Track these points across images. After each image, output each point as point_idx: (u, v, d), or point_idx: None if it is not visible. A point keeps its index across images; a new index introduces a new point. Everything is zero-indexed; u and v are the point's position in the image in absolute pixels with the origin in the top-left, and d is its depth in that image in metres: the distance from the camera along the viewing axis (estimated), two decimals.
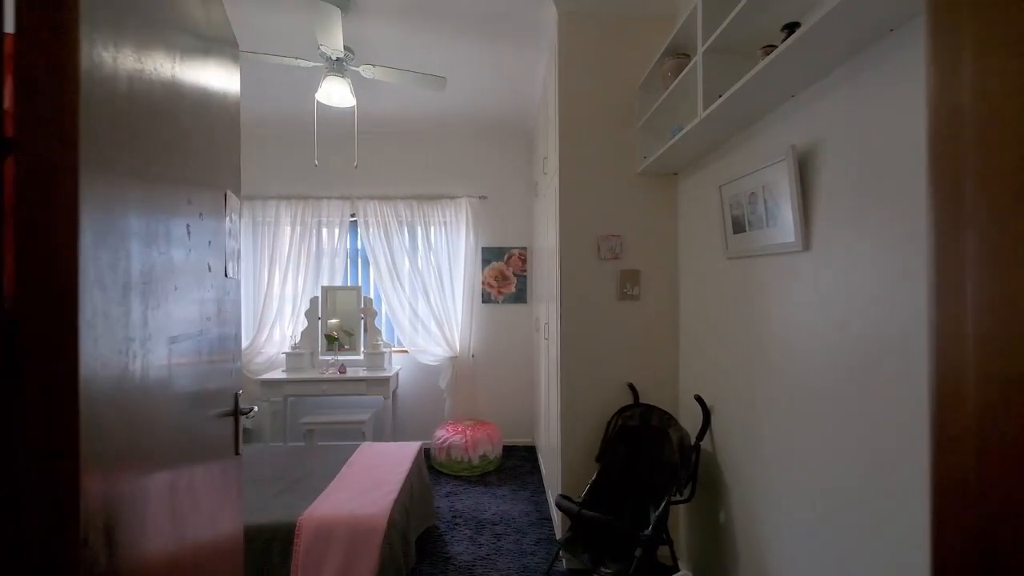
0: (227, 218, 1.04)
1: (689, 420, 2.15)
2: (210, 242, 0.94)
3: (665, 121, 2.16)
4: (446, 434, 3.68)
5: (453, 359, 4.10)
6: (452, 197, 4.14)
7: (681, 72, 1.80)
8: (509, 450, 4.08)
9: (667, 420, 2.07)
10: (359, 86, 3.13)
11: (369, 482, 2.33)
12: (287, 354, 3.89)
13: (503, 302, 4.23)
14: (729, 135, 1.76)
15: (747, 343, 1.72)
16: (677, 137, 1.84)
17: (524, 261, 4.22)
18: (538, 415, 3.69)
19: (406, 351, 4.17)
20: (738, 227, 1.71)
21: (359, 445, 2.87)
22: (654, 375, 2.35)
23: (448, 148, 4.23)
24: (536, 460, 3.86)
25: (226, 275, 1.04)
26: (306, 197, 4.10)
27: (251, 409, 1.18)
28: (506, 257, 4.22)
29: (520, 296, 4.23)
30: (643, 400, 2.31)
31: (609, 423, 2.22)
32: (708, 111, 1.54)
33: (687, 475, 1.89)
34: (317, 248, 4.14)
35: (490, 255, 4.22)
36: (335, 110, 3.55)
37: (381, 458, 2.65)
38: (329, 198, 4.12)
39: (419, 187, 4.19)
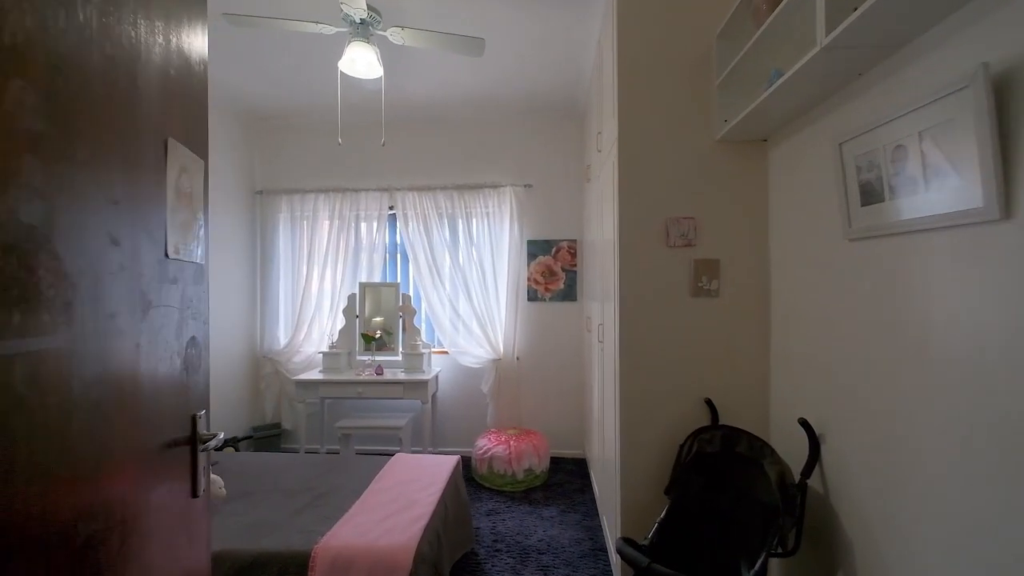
0: (170, 175, 0.76)
1: (786, 449, 1.70)
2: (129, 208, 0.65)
3: (753, 73, 1.72)
4: (488, 444, 3.37)
5: (496, 362, 3.78)
6: (495, 186, 3.82)
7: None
8: (556, 462, 3.71)
9: (760, 448, 1.64)
10: (392, 63, 2.88)
11: (399, 502, 2.04)
12: (324, 354, 3.72)
13: (550, 300, 3.87)
14: (857, 72, 1.31)
15: (885, 352, 1.27)
16: (779, 83, 1.41)
17: (574, 255, 3.84)
18: (589, 425, 3.30)
19: (446, 352, 3.90)
20: (870, 196, 1.26)
21: (392, 456, 2.61)
22: (737, 390, 1.91)
23: (490, 133, 3.92)
24: (587, 475, 3.47)
25: (167, 255, 0.75)
26: (344, 190, 3.92)
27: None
28: (554, 251, 3.86)
29: (569, 293, 3.85)
30: (724, 420, 1.88)
31: (682, 447, 1.81)
32: (837, 32, 1.11)
33: (791, 522, 1.45)
34: (355, 243, 3.95)
35: (536, 249, 3.87)
36: (370, 95, 3.33)
37: (414, 472, 2.37)
38: (367, 190, 3.92)
39: (460, 176, 3.90)
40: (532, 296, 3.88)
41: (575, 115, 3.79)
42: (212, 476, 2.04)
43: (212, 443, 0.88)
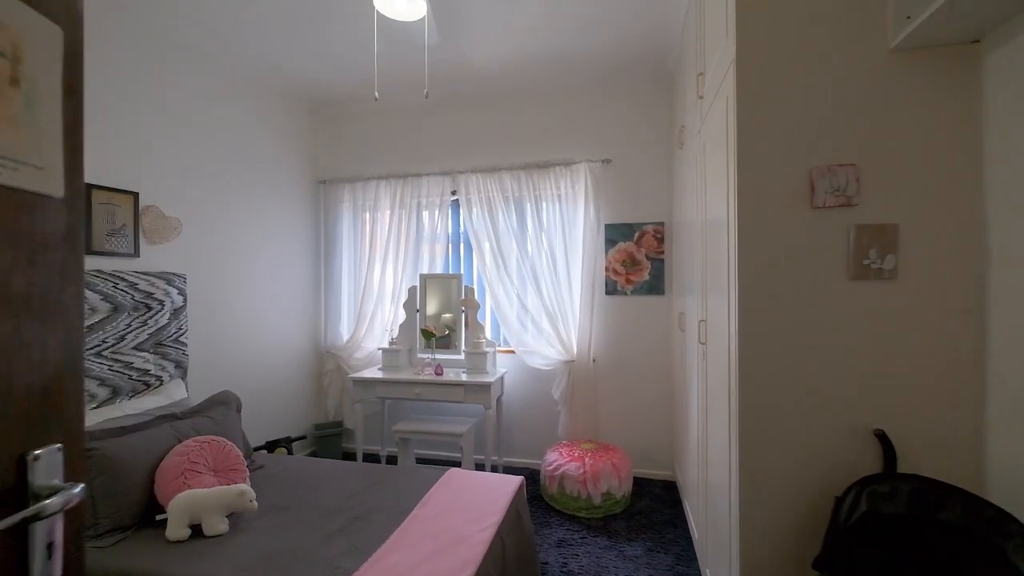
0: None
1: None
2: None
3: None
4: (559, 459, 2.90)
5: (569, 364, 3.31)
6: (567, 163, 3.34)
7: None
8: (640, 484, 3.16)
9: (995, 522, 1.03)
10: (450, 24, 2.52)
11: (445, 537, 1.65)
12: (383, 350, 3.48)
13: (632, 293, 3.32)
14: None
15: None
16: None
17: (661, 241, 3.26)
18: (683, 444, 2.72)
19: (512, 352, 3.49)
20: None
21: (445, 472, 2.24)
22: (930, 420, 1.28)
23: (561, 102, 3.44)
24: (678, 503, 2.89)
25: None
26: (405, 175, 3.66)
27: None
28: (636, 236, 3.30)
29: (655, 286, 3.27)
30: (905, 466, 1.27)
31: (840, 501, 1.23)
32: None
33: None
34: (417, 231, 3.68)
35: (615, 234, 3.34)
36: (433, 69, 3.00)
37: (468, 495, 1.98)
38: (429, 175, 3.62)
39: (527, 154, 3.47)
40: (611, 289, 3.35)
41: (662, 75, 3.20)
42: (242, 487, 1.79)
43: (55, 504, 0.52)
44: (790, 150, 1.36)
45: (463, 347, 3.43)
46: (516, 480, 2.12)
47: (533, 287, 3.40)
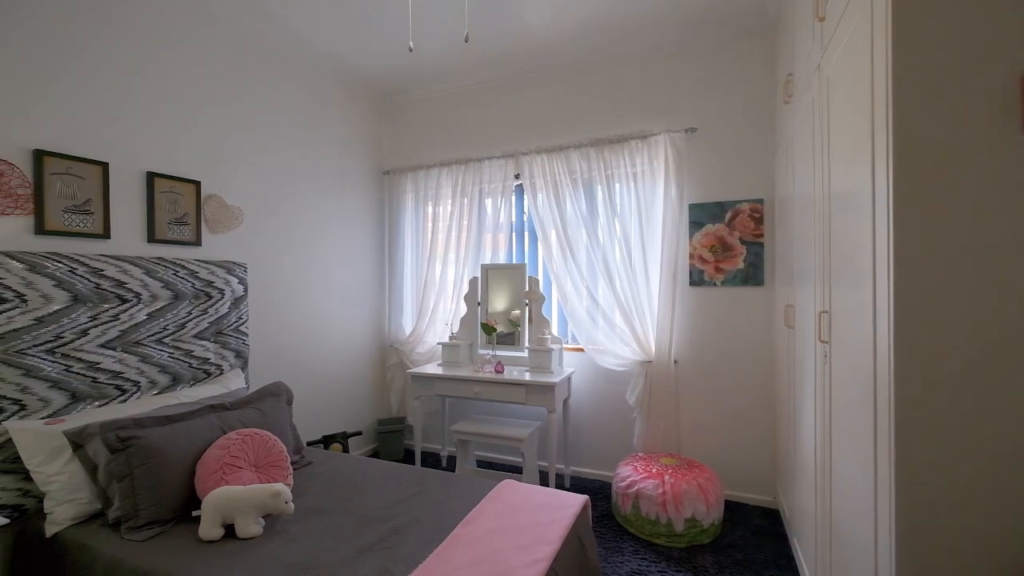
0: None
1: None
2: None
3: None
4: (634, 474, 2.52)
5: (646, 365, 2.90)
6: (644, 136, 2.93)
7: None
8: (733, 510, 2.67)
9: None
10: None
11: (488, 567, 1.38)
12: (442, 345, 3.30)
13: (724, 284, 2.83)
14: None
15: None
16: None
17: (759, 221, 2.74)
18: (791, 464, 2.22)
19: (581, 350, 3.15)
20: None
21: (497, 483, 1.97)
22: None
23: (636, 68, 3.03)
24: (783, 537, 2.38)
25: None
26: (466, 160, 3.45)
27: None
28: (728, 217, 2.81)
29: (752, 275, 2.76)
30: None
31: None
32: None
33: None
34: (478, 219, 3.45)
35: (702, 215, 2.87)
36: (491, 47, 2.76)
37: (522, 513, 1.68)
38: (491, 158, 3.38)
39: (597, 128, 3.10)
40: (696, 279, 2.89)
41: (759, 23, 2.68)
42: (278, 488, 1.64)
43: None
44: (986, 45, 0.91)
45: (526, 344, 3.15)
46: (579, 500, 1.79)
47: (604, 278, 3.03)
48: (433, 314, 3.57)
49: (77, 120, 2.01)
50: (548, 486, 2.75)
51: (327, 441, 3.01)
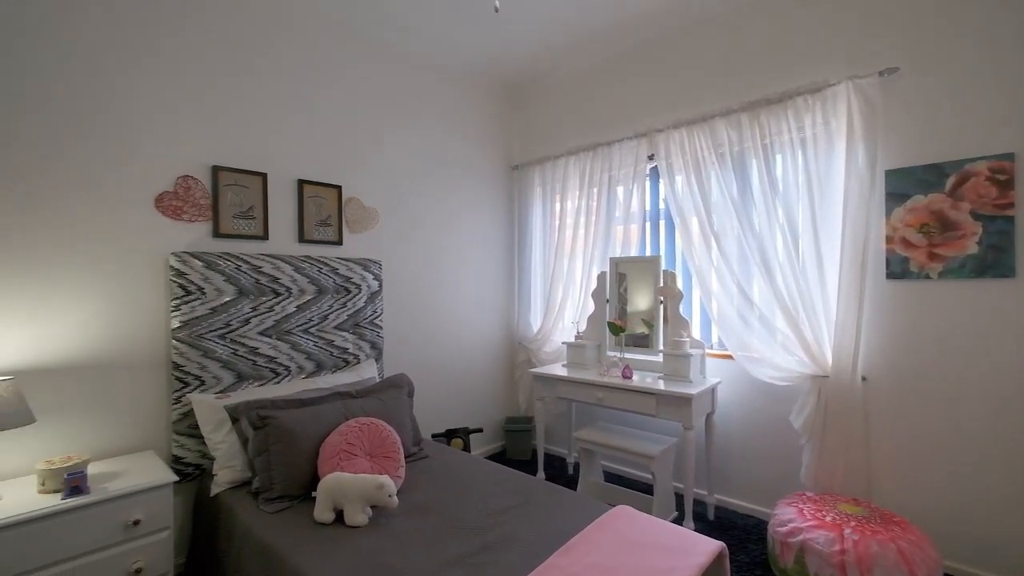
0: None
1: None
2: None
3: None
4: (799, 519, 1.98)
5: (818, 380, 2.28)
6: (816, 89, 2.30)
7: None
8: None
9: None
10: None
11: None
12: (567, 345, 3.09)
13: (941, 276, 2.06)
14: None
15: None
16: None
17: (1006, 185, 1.92)
18: None
19: (730, 357, 2.64)
20: None
21: (611, 509, 1.69)
22: None
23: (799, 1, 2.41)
24: None
25: None
26: (594, 146, 3.19)
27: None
28: (951, 183, 2.03)
29: (993, 261, 1.94)
30: None
31: None
32: None
33: None
34: (608, 210, 3.16)
35: (907, 184, 2.13)
36: (620, 24, 2.47)
37: (635, 553, 1.39)
38: (620, 141, 3.06)
39: (750, 88, 2.56)
40: (897, 270, 2.16)
41: None
42: (382, 480, 1.65)
43: None
44: None
45: (660, 346, 2.76)
46: (712, 548, 1.42)
47: (761, 272, 2.48)
48: (560, 311, 3.39)
49: (243, 138, 2.33)
50: (684, 514, 2.36)
51: (450, 435, 3.05)
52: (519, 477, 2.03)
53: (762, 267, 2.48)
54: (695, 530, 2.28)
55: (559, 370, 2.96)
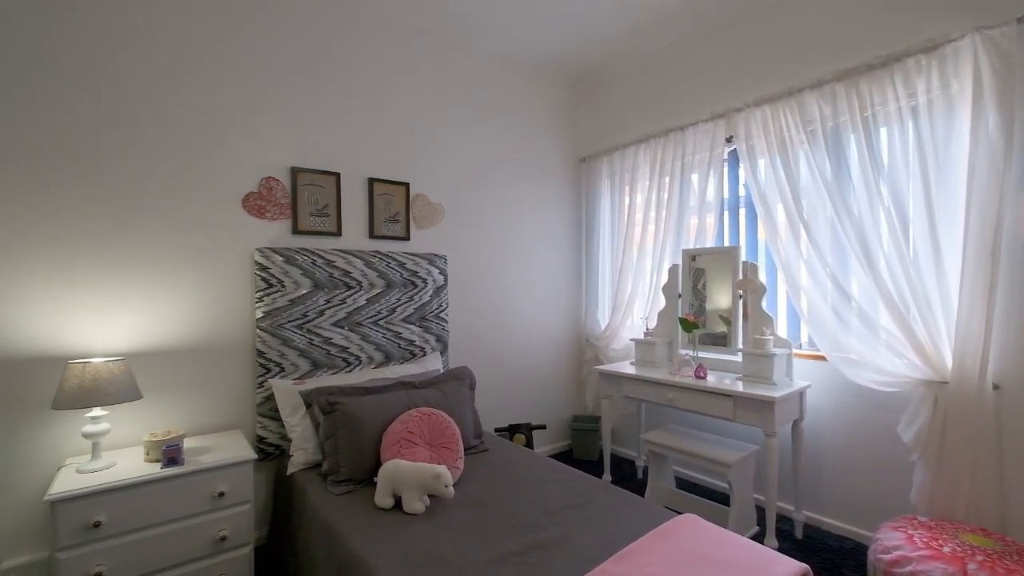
0: None
1: None
2: None
3: None
4: (908, 546, 1.70)
5: (935, 387, 1.96)
6: (931, 47, 1.97)
7: None
8: None
9: None
10: None
11: None
12: (635, 342, 2.94)
13: None
14: None
15: None
16: None
17: None
18: None
19: (822, 358, 2.35)
20: None
21: (676, 517, 1.56)
22: None
23: None
24: None
25: None
26: (667, 131, 3.01)
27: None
28: None
29: None
30: None
31: None
32: None
33: None
34: (680, 199, 2.96)
35: None
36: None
37: (700, 568, 1.27)
38: (695, 124, 2.86)
39: (847, 52, 2.25)
40: None
41: None
42: (439, 470, 1.66)
43: None
44: None
45: (739, 344, 2.53)
46: (792, 570, 1.25)
47: (861, 262, 2.19)
48: (629, 307, 3.25)
49: (318, 139, 2.47)
50: (765, 529, 2.14)
51: (512, 430, 3.03)
52: (580, 477, 1.95)
53: (862, 257, 2.18)
54: (778, 549, 2.06)
55: (627, 368, 2.82)
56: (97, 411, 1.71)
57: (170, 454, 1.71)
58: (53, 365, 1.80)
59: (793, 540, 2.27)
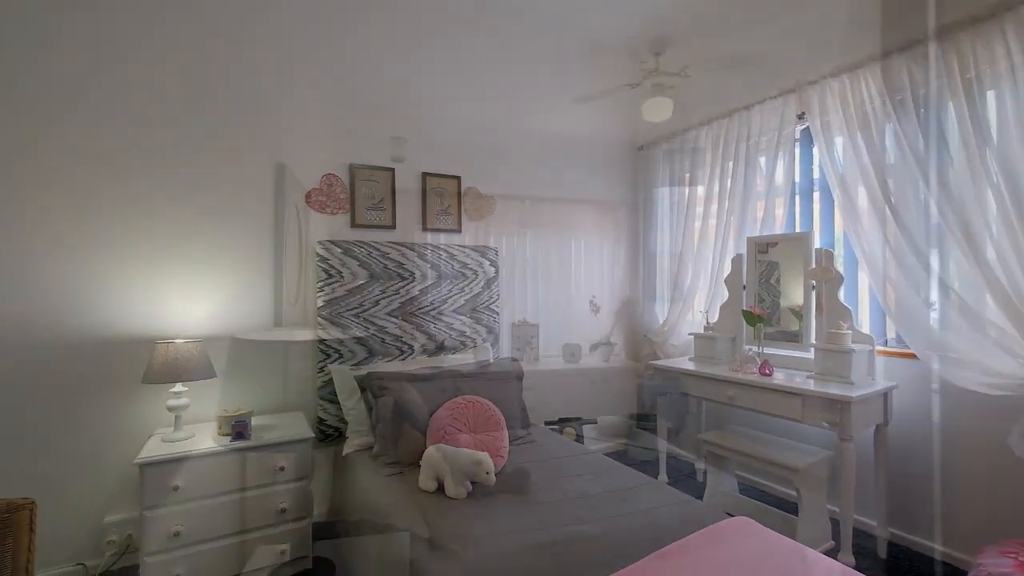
0: None
1: None
2: None
3: None
4: (1019, 575, 1.46)
5: None
6: None
7: None
8: None
9: None
10: None
11: None
12: (694, 336, 2.78)
13: None
14: None
15: None
16: None
17: None
18: None
19: (911, 355, 2.08)
20: None
21: (729, 519, 1.45)
22: None
23: None
24: None
25: None
26: (730, 112, 2.82)
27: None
28: None
29: None
30: None
31: None
32: None
33: None
34: (745, 183, 2.76)
35: None
36: None
37: (747, 574, 1.16)
38: (761, 103, 2.65)
39: (941, 8, 1.96)
40: None
41: None
42: (480, 457, 1.67)
43: None
44: None
45: (812, 339, 2.31)
46: None
47: (961, 248, 1.91)
48: (688, 300, 3.08)
49: (373, 136, 2.58)
50: (840, 544, 1.93)
51: (563, 424, 2.98)
52: (627, 473, 1.87)
53: (964, 242, 1.90)
54: (855, 566, 1.85)
55: (685, 364, 2.67)
56: (179, 387, 1.90)
57: (238, 428, 1.86)
58: (146, 346, 2.03)
59: (874, 558, 2.03)
